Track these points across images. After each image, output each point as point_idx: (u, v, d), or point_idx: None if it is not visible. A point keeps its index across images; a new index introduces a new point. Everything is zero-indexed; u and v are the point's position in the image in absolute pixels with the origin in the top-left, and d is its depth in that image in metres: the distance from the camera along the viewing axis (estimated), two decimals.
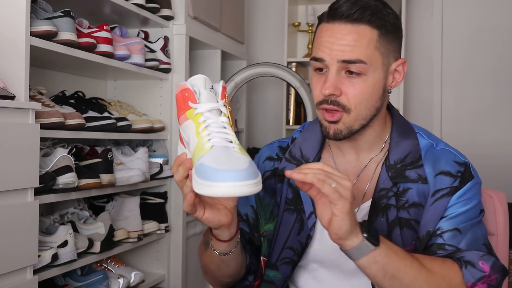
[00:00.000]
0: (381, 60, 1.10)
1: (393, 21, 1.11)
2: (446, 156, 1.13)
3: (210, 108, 0.92)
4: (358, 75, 1.08)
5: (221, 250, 1.11)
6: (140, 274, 2.10)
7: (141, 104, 2.37)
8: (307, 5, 3.56)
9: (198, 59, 2.79)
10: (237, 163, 0.85)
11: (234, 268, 1.18)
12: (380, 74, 1.10)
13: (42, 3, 1.69)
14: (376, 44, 1.08)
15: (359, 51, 1.07)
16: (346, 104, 1.09)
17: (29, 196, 1.51)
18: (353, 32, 1.08)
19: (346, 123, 1.10)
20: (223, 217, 1.03)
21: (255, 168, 0.88)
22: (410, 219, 1.10)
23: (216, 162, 0.85)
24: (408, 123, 1.20)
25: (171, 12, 2.29)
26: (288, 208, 1.20)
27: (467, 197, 1.10)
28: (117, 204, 2.09)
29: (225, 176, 0.83)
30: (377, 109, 1.12)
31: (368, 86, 1.09)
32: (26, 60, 1.51)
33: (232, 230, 1.08)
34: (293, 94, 3.43)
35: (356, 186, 1.15)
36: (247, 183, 0.84)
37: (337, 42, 1.08)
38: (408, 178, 1.11)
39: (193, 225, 2.51)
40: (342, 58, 1.07)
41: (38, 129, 1.53)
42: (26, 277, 1.50)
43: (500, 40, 3.23)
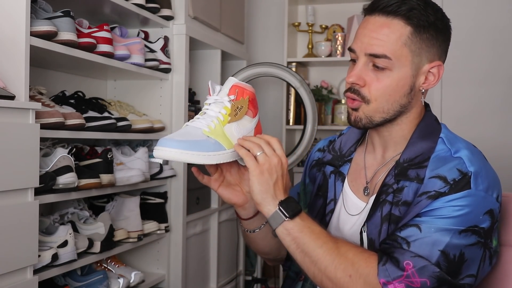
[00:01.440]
0: (411, 57, 1.09)
1: (432, 21, 1.09)
2: (453, 163, 1.08)
3: (211, 101, 1.10)
4: (383, 70, 1.10)
5: (245, 226, 1.24)
6: (140, 274, 2.10)
7: (141, 104, 2.37)
8: (307, 5, 3.56)
9: (198, 59, 2.79)
10: (183, 137, 1.03)
11: (264, 248, 1.28)
12: (407, 71, 1.10)
13: (42, 3, 1.69)
14: (406, 41, 1.08)
15: (386, 45, 1.09)
16: (366, 95, 1.12)
17: (29, 196, 1.51)
18: (385, 26, 1.09)
19: (365, 112, 1.13)
20: (235, 197, 1.18)
21: (206, 143, 1.03)
22: (399, 217, 1.09)
23: (169, 135, 1.05)
24: (439, 128, 1.16)
25: (171, 12, 2.29)
26: (317, 194, 1.28)
27: (454, 205, 1.03)
28: (117, 204, 2.09)
29: (164, 142, 1.02)
30: (402, 106, 1.13)
31: (392, 81, 1.10)
32: (26, 60, 1.51)
33: (249, 211, 1.20)
34: (293, 94, 3.43)
35: (372, 181, 1.19)
36: (180, 151, 1.01)
37: (369, 34, 1.11)
38: (407, 176, 1.11)
39: (193, 225, 2.51)
40: (369, 51, 1.10)
41: (38, 129, 1.53)
42: (26, 277, 1.50)
43: (500, 40, 3.23)
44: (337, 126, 3.43)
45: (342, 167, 1.26)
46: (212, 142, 1.05)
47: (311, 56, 3.49)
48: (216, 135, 1.06)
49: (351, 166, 1.25)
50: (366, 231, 1.13)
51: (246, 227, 1.24)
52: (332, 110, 3.50)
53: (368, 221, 1.13)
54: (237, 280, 3.10)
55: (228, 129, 1.08)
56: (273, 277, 3.40)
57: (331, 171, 1.27)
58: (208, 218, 2.73)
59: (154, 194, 2.28)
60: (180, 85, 2.35)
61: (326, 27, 3.58)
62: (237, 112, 1.09)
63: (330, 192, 1.25)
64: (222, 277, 2.88)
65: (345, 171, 1.25)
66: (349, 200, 1.21)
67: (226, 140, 1.07)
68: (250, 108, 1.11)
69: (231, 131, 1.09)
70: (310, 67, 3.69)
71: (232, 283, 3.01)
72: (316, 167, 1.33)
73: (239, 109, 1.09)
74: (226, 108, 1.09)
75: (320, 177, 1.29)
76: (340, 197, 1.23)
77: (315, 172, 1.32)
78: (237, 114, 1.09)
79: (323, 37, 3.60)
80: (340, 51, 3.40)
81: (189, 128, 1.07)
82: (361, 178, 1.22)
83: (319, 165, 1.32)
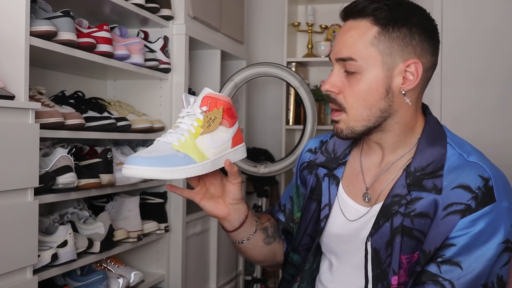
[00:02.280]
0: (380, 58, 1.06)
1: (405, 18, 1.06)
2: (472, 169, 1.05)
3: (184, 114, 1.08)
4: (353, 74, 1.08)
5: (232, 238, 1.22)
6: (139, 274, 2.10)
7: (141, 104, 2.37)
8: (307, 5, 3.56)
9: (198, 59, 2.79)
10: (150, 153, 1.01)
11: (257, 256, 1.28)
12: (378, 73, 1.06)
13: (42, 3, 1.69)
14: (373, 41, 1.06)
15: (353, 47, 1.07)
16: (342, 102, 1.10)
17: (29, 196, 1.51)
18: (352, 28, 1.08)
19: (346, 123, 1.10)
20: (217, 210, 1.15)
21: (175, 158, 1.01)
22: (412, 229, 1.06)
23: (137, 153, 1.03)
24: (443, 131, 1.14)
25: (170, 12, 2.29)
26: (311, 197, 1.25)
27: (484, 226, 1.01)
28: (116, 204, 2.09)
29: (132, 160, 1.01)
30: (383, 111, 1.09)
31: (363, 85, 1.07)
32: (26, 60, 1.51)
33: (233, 223, 1.17)
34: (292, 94, 3.43)
35: (373, 187, 1.16)
36: (149, 168, 0.99)
37: (338, 39, 1.10)
38: (423, 187, 1.06)
39: (192, 225, 2.51)
40: (337, 56, 1.09)
41: (38, 129, 1.53)
42: (25, 277, 1.50)
43: (500, 40, 3.23)
44: None
45: (336, 170, 1.22)
46: (181, 156, 1.03)
47: (310, 56, 3.49)
48: (186, 149, 1.04)
49: (346, 169, 1.21)
50: (370, 240, 1.10)
51: (233, 238, 1.22)
52: None
53: (374, 231, 1.09)
54: (236, 280, 3.10)
55: (200, 141, 1.06)
56: (273, 277, 3.40)
57: (324, 174, 1.23)
58: (208, 218, 2.73)
59: (153, 194, 2.28)
60: (179, 85, 2.35)
61: (325, 27, 3.58)
62: (210, 123, 1.06)
63: (324, 196, 1.21)
64: (222, 277, 2.88)
65: (339, 174, 1.21)
66: (346, 205, 1.18)
67: (197, 153, 1.05)
68: (225, 118, 1.09)
69: (203, 143, 1.06)
70: (310, 67, 3.69)
71: (231, 283, 3.01)
72: (308, 169, 1.29)
73: (212, 120, 1.07)
74: (198, 120, 1.06)
75: (313, 179, 1.26)
76: (336, 202, 1.19)
77: (306, 174, 1.29)
78: (210, 125, 1.06)
79: (323, 37, 3.60)
80: None
81: (159, 143, 1.05)
82: (358, 183, 1.18)
83: (310, 167, 1.28)
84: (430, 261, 1.04)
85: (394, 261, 1.07)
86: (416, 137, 1.13)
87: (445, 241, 1.03)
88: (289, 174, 3.42)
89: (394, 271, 1.06)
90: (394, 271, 1.06)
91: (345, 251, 1.17)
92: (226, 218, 1.16)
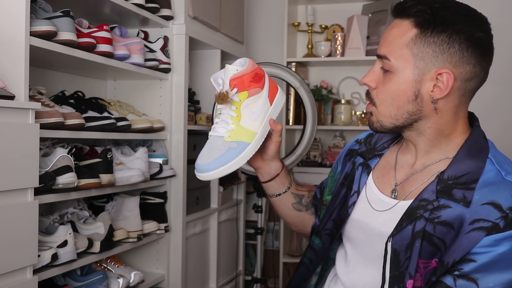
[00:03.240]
0: (413, 61, 1.06)
1: (448, 25, 1.03)
2: (507, 188, 1.02)
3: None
4: (387, 72, 1.10)
5: (265, 190, 1.35)
6: (139, 274, 2.10)
7: (141, 104, 2.37)
8: (307, 5, 3.56)
9: (198, 59, 2.79)
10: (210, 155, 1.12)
11: (284, 216, 1.39)
12: (408, 75, 1.07)
13: (42, 3, 1.69)
14: (408, 42, 1.06)
15: (390, 46, 1.08)
16: (374, 97, 1.13)
17: (29, 196, 1.51)
18: (395, 27, 1.09)
19: (376, 116, 1.14)
20: (254, 162, 1.27)
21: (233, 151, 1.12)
22: (433, 235, 1.05)
23: (200, 156, 1.14)
24: (487, 146, 1.11)
25: (170, 12, 2.29)
26: (343, 183, 1.28)
27: (507, 249, 0.99)
28: (116, 204, 2.09)
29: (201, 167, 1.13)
30: (411, 114, 1.09)
31: (393, 85, 1.09)
32: (26, 60, 1.51)
33: (264, 176, 1.31)
34: (292, 94, 3.43)
35: (402, 184, 1.16)
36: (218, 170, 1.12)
37: (383, 36, 1.12)
38: (452, 196, 1.05)
39: (192, 225, 2.51)
40: (377, 52, 1.12)
41: (38, 129, 1.53)
42: (25, 277, 1.50)
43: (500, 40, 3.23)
44: (337, 126, 3.43)
45: (370, 161, 1.24)
46: (235, 147, 1.14)
47: (310, 56, 3.49)
48: (236, 136, 1.14)
49: (380, 161, 1.24)
50: (391, 241, 1.10)
51: (266, 190, 1.35)
52: (332, 110, 3.50)
53: (396, 232, 1.09)
54: (236, 280, 3.10)
55: (244, 122, 1.15)
56: (273, 277, 3.40)
57: (360, 163, 1.26)
58: (208, 218, 2.73)
59: (153, 194, 2.28)
60: (179, 85, 2.35)
61: (325, 27, 3.58)
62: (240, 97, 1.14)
63: (355, 183, 1.23)
64: (222, 277, 2.88)
65: (372, 165, 1.23)
66: (373, 194, 1.19)
67: (246, 134, 1.15)
68: (253, 87, 1.15)
69: (247, 122, 1.15)
70: (310, 67, 3.69)
71: (231, 283, 3.01)
72: (349, 156, 1.33)
73: (245, 97, 1.15)
74: (235, 103, 1.15)
75: (349, 166, 1.29)
76: (363, 190, 1.21)
77: (347, 161, 1.33)
78: (241, 99, 1.14)
79: (323, 37, 3.60)
80: (339, 51, 3.40)
81: (212, 139, 1.15)
82: (389, 177, 1.19)
83: (351, 155, 1.32)
84: (447, 272, 1.03)
85: (411, 265, 1.06)
86: (454, 145, 1.12)
87: (465, 256, 1.01)
88: None
89: (411, 274, 1.06)
90: (411, 275, 1.06)
91: (360, 240, 1.19)
92: (258, 170, 1.30)
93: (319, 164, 3.44)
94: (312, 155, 3.46)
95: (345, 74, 3.60)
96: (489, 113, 3.23)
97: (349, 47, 3.35)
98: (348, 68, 3.59)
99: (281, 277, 3.36)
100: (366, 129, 3.37)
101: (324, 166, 3.40)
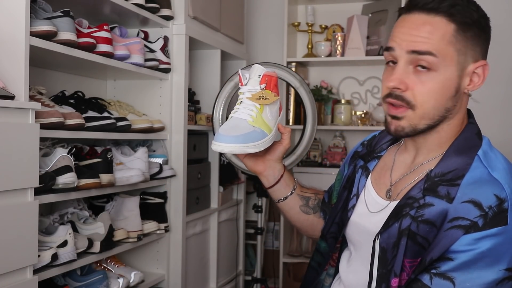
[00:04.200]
0: (456, 57, 1.03)
1: (476, 18, 1.04)
2: (490, 186, 1.00)
3: (245, 91, 1.22)
4: (427, 71, 1.03)
5: (271, 195, 1.36)
6: (139, 274, 2.10)
7: (141, 104, 2.37)
8: (307, 5, 3.56)
9: (198, 59, 2.79)
10: (235, 131, 1.15)
11: (295, 222, 1.39)
12: (453, 72, 1.04)
13: (42, 3, 1.69)
14: (451, 39, 1.02)
15: (431, 43, 1.02)
16: (411, 100, 1.05)
17: (29, 196, 1.51)
18: (428, 23, 1.03)
19: (410, 121, 1.07)
20: (255, 166, 1.30)
21: (255, 134, 1.17)
22: (417, 234, 1.04)
23: (223, 129, 1.16)
24: (478, 142, 1.09)
25: (170, 12, 2.29)
26: (345, 186, 1.29)
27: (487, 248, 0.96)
28: (116, 204, 2.09)
29: (222, 138, 1.14)
30: (447, 111, 1.07)
31: (437, 84, 1.04)
32: (26, 60, 1.51)
33: (270, 179, 1.32)
34: (292, 94, 3.43)
35: (396, 184, 1.16)
36: (237, 145, 1.14)
37: (409, 32, 1.04)
38: (437, 193, 1.04)
39: (192, 225, 2.51)
40: (412, 48, 1.03)
41: (38, 129, 1.53)
42: (25, 277, 1.50)
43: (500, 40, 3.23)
44: (337, 126, 3.43)
45: (369, 163, 1.24)
46: (258, 131, 1.19)
47: (310, 56, 3.49)
48: (258, 124, 1.20)
49: (378, 163, 1.23)
50: (379, 239, 1.10)
51: (271, 196, 1.35)
52: (332, 110, 3.50)
53: (383, 230, 1.09)
54: (236, 280, 3.10)
55: (264, 115, 1.21)
56: (273, 277, 3.40)
57: (360, 165, 1.26)
58: (208, 218, 2.73)
59: (153, 194, 2.28)
60: (179, 85, 2.35)
61: (325, 27, 3.58)
62: (267, 98, 1.21)
63: (355, 186, 1.24)
64: (222, 277, 2.88)
65: (371, 167, 1.23)
66: (370, 197, 1.19)
67: (265, 126, 1.21)
68: (275, 91, 1.23)
69: (266, 116, 1.22)
70: (310, 67, 3.69)
71: (231, 283, 3.01)
72: (353, 159, 1.33)
73: (268, 96, 1.21)
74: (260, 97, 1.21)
75: (351, 169, 1.30)
76: (362, 193, 1.22)
77: (351, 163, 1.33)
78: (268, 99, 1.21)
79: (323, 37, 3.60)
80: (339, 51, 3.40)
81: (235, 120, 1.19)
82: (385, 178, 1.19)
83: (355, 157, 1.32)
84: (424, 270, 1.02)
85: (397, 263, 1.06)
86: (449, 143, 1.11)
87: (443, 254, 1.00)
88: None
89: (395, 273, 1.06)
90: (395, 273, 1.06)
91: (358, 241, 1.19)
92: (263, 174, 1.31)
93: (319, 164, 3.44)
94: (312, 155, 3.46)
95: (345, 74, 3.60)
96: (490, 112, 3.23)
97: (349, 47, 3.35)
98: (348, 68, 3.59)
99: (281, 277, 3.36)
100: (366, 129, 3.38)
101: (324, 166, 3.40)
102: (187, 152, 2.39)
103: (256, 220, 2.98)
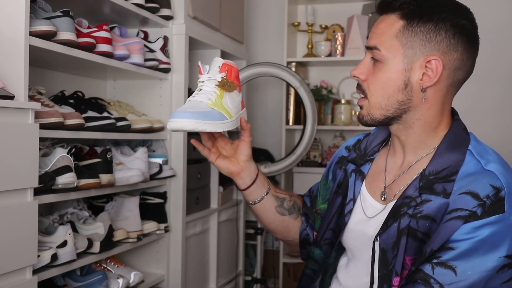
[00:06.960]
0: (402, 50, 1.09)
1: (433, 14, 1.07)
2: (485, 177, 1.03)
3: (204, 79, 1.22)
4: (378, 63, 1.12)
5: (245, 198, 1.35)
6: (139, 274, 2.10)
7: (141, 104, 2.36)
8: (307, 5, 3.56)
9: (198, 59, 2.78)
10: (193, 108, 1.13)
11: (269, 224, 1.37)
12: (398, 64, 1.09)
13: (42, 2, 1.68)
14: (397, 34, 1.09)
15: (379, 38, 1.11)
16: (365, 89, 1.14)
17: (28, 196, 1.51)
18: (383, 21, 1.12)
19: (367, 109, 1.15)
20: (232, 166, 1.29)
21: (213, 114, 1.15)
22: (417, 230, 1.06)
23: (179, 108, 1.14)
24: (468, 138, 1.12)
25: (170, 12, 2.29)
26: (337, 191, 1.29)
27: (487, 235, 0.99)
28: (116, 204, 2.08)
29: (178, 114, 1.12)
30: (401, 103, 1.11)
31: (384, 74, 1.11)
32: (26, 60, 1.51)
33: (245, 180, 1.31)
34: (292, 94, 3.43)
35: (390, 186, 1.17)
36: (193, 120, 1.12)
37: (371, 30, 1.15)
38: (433, 190, 1.06)
39: (192, 225, 2.51)
40: (367, 44, 1.15)
41: (38, 129, 1.52)
42: (25, 277, 1.50)
43: (498, 39, 3.23)
44: (337, 126, 3.43)
45: (363, 166, 1.25)
46: (217, 112, 1.17)
47: (310, 56, 3.49)
48: (218, 107, 1.18)
49: (371, 167, 1.25)
50: (378, 240, 1.11)
51: (246, 198, 1.34)
52: (332, 110, 3.50)
53: (382, 231, 1.11)
54: (236, 280, 3.10)
55: (224, 101, 1.20)
56: (273, 277, 3.40)
57: (352, 170, 1.27)
58: (208, 218, 2.72)
59: (153, 194, 2.27)
60: (179, 85, 2.35)
61: (326, 27, 3.58)
62: (228, 85, 1.21)
63: (350, 191, 1.24)
64: (222, 277, 2.88)
65: (365, 170, 1.25)
66: (366, 201, 1.20)
67: (225, 111, 1.19)
68: (237, 83, 1.24)
69: (227, 103, 1.20)
70: (310, 67, 3.69)
71: (231, 283, 3.01)
72: (339, 164, 1.34)
73: (229, 84, 1.22)
74: (217, 84, 1.21)
75: (341, 174, 1.30)
76: (359, 197, 1.22)
77: (336, 168, 1.34)
78: (230, 87, 1.21)
79: (323, 37, 3.60)
80: (339, 51, 3.40)
81: (193, 102, 1.17)
82: (379, 181, 1.21)
83: (342, 162, 1.33)
84: (425, 261, 1.03)
85: (398, 262, 1.07)
86: (438, 139, 1.13)
87: (444, 244, 1.02)
88: (289, 174, 3.42)
89: (397, 272, 1.07)
90: (397, 272, 1.07)
91: (357, 247, 1.20)
92: (239, 175, 1.29)
93: (319, 164, 3.44)
94: (312, 155, 3.46)
95: (345, 74, 3.60)
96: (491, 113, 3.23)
97: (349, 47, 3.35)
98: (348, 68, 3.59)
99: (281, 277, 3.36)
100: (366, 129, 3.37)
101: (324, 166, 3.39)
102: (187, 152, 2.38)
103: (256, 220, 2.98)
